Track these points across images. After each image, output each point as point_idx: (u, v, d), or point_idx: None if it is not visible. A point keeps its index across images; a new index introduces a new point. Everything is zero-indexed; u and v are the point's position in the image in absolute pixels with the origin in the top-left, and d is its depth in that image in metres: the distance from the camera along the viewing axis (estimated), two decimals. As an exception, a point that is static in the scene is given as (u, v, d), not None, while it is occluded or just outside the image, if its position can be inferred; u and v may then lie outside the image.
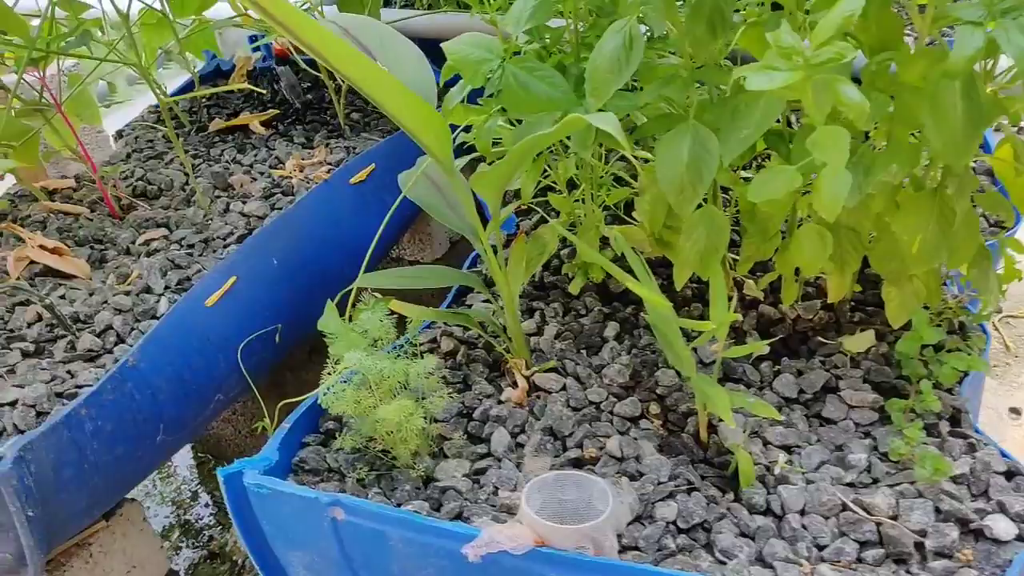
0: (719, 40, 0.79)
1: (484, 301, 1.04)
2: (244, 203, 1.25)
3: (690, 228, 0.89)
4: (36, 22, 1.30)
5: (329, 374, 0.79)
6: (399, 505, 0.77)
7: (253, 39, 1.78)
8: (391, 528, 0.73)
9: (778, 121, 0.81)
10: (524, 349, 0.91)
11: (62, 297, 1.08)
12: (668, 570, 0.67)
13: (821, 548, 0.71)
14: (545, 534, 0.68)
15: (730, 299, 0.84)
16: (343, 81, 1.44)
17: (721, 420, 0.84)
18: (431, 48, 0.90)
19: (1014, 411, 1.34)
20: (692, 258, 0.90)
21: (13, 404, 0.91)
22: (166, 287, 1.08)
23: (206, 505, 1.49)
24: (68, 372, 0.96)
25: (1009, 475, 0.75)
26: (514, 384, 0.91)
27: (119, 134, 1.56)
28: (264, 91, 1.43)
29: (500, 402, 0.89)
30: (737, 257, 0.97)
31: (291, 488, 0.76)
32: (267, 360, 1.17)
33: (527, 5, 0.81)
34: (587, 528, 0.67)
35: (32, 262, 1.13)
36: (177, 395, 1.01)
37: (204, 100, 1.58)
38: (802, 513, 0.74)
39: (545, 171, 1.11)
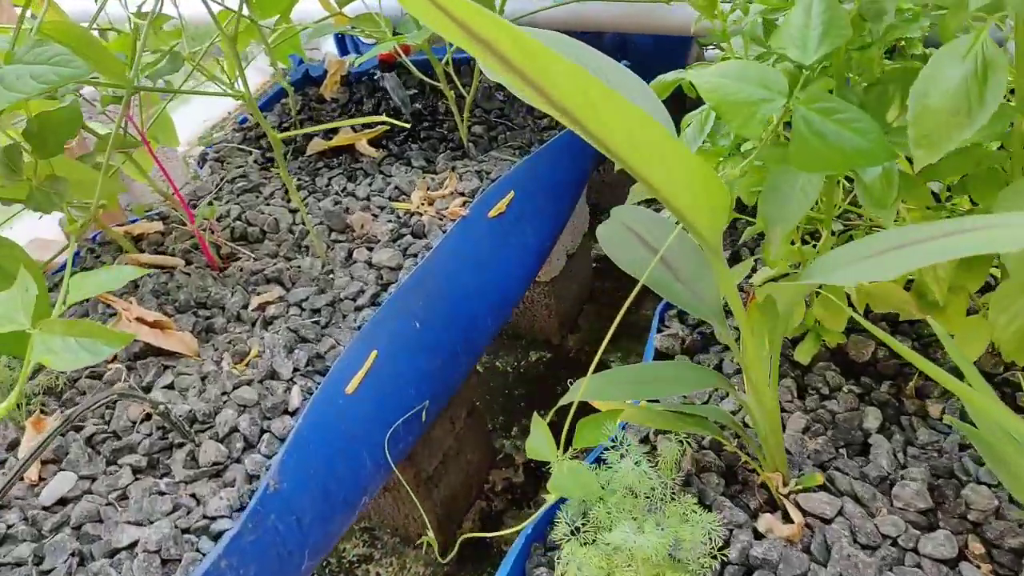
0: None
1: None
2: (370, 250, 1.04)
3: (1003, 301, 0.67)
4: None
5: (572, 543, 0.58)
6: None
7: (339, 39, 1.57)
8: None
9: None
10: (783, 460, 0.70)
11: (170, 387, 0.89)
12: None
13: None
14: None
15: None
16: (464, 89, 1.22)
17: (1079, 567, 0.63)
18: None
19: None
20: (1005, 338, 0.68)
21: (131, 548, 0.73)
22: (295, 370, 0.89)
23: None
24: (193, 496, 0.77)
25: None
26: (769, 505, 0.71)
27: (202, 158, 1.36)
28: (380, 111, 1.21)
29: (758, 535, 0.68)
30: None
31: None
32: (411, 443, 0.98)
33: (815, 19, 0.59)
34: None
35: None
36: (323, 513, 0.82)
37: (296, 115, 1.38)
38: None
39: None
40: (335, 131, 1.32)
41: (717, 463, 0.75)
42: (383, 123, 1.17)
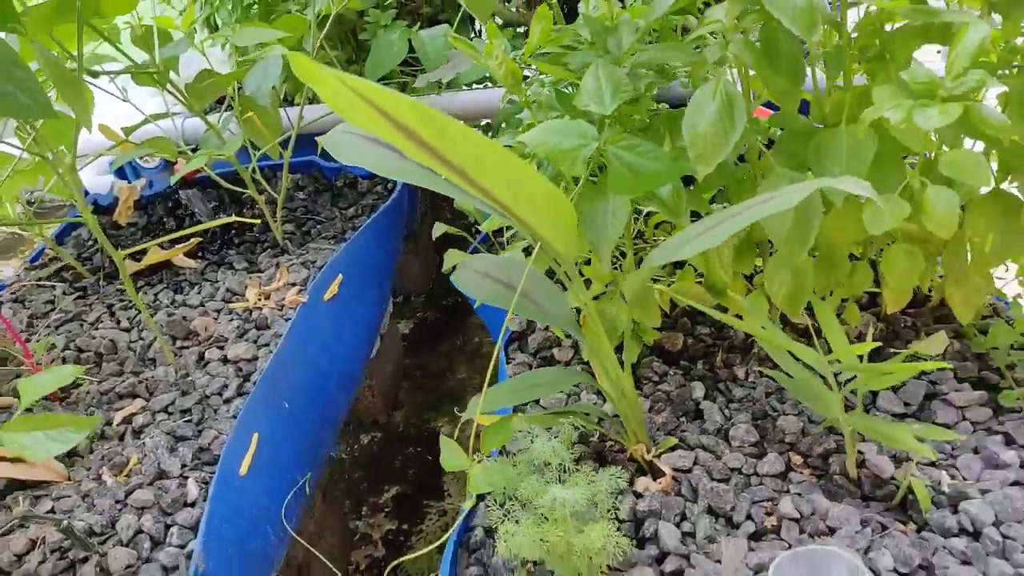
0: (799, 88, 0.80)
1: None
2: (221, 348, 1.09)
3: (774, 271, 0.89)
4: None
5: (506, 522, 0.69)
6: (614, 639, 0.69)
7: (121, 169, 1.59)
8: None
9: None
10: (644, 431, 0.86)
11: (51, 512, 0.88)
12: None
13: (1035, 553, 0.72)
14: (818, 622, 0.64)
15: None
16: (274, 192, 1.31)
17: (861, 453, 0.84)
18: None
19: None
20: (779, 299, 0.90)
21: (70, 663, 0.72)
22: (183, 465, 0.91)
23: None
24: (116, 602, 0.78)
25: None
26: (642, 471, 0.86)
27: (-5, 305, 1.31)
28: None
29: (638, 495, 0.83)
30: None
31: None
32: (301, 514, 1.03)
33: (603, 81, 0.78)
34: (859, 603, 0.64)
35: (-9, 477, 0.91)
36: (246, 588, 0.85)
37: (94, 244, 1.38)
38: (996, 524, 0.75)
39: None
40: (143, 253, 1.34)
41: (588, 451, 0.90)
42: (240, 222, 1.22)
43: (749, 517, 0.79)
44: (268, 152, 1.28)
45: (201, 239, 1.34)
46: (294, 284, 1.19)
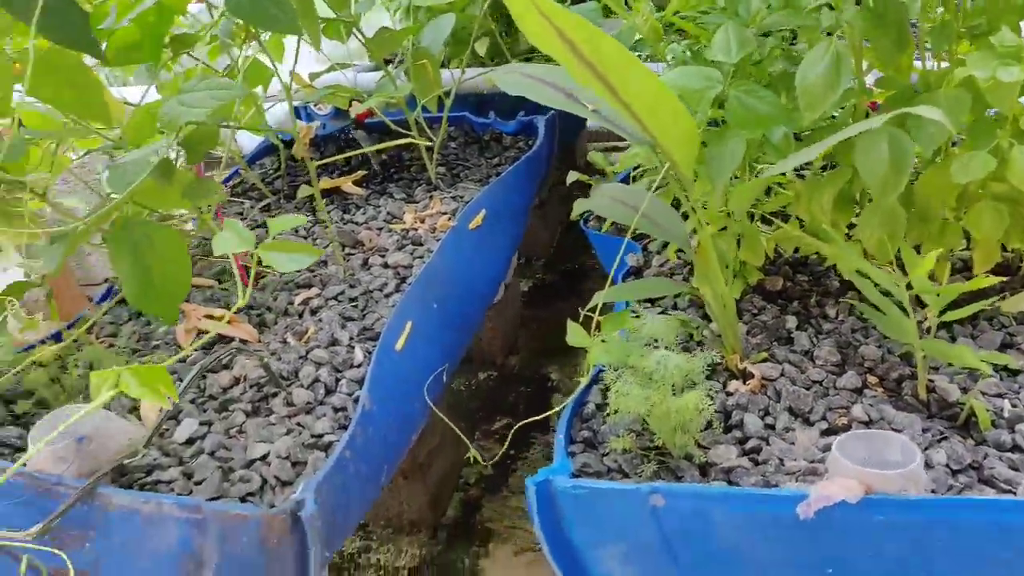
0: (904, 53, 0.92)
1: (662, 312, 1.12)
2: (382, 256, 1.29)
3: (867, 219, 1.01)
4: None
5: (618, 383, 0.85)
6: (697, 490, 0.84)
7: (297, 112, 1.83)
8: (715, 505, 0.79)
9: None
10: (739, 343, 1.00)
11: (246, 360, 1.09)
12: (1005, 498, 0.77)
13: (1078, 469, 0.82)
14: (871, 481, 0.76)
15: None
16: (432, 136, 1.51)
17: (932, 380, 0.95)
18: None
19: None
20: (870, 246, 1.02)
21: (264, 458, 0.92)
22: (351, 337, 1.11)
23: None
24: (299, 424, 0.98)
25: None
26: (735, 377, 1.00)
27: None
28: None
29: (729, 394, 0.97)
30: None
31: (609, 484, 0.81)
32: (438, 395, 1.21)
33: (731, 37, 0.92)
34: (908, 472, 0.76)
35: (199, 333, 1.14)
36: (396, 436, 1.04)
37: (277, 172, 1.61)
38: (1048, 443, 0.85)
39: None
40: (318, 179, 1.57)
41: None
42: (411, 143, 1.43)
43: (824, 418, 0.92)
44: (427, 105, 1.48)
45: (367, 172, 1.55)
46: (444, 213, 1.39)
